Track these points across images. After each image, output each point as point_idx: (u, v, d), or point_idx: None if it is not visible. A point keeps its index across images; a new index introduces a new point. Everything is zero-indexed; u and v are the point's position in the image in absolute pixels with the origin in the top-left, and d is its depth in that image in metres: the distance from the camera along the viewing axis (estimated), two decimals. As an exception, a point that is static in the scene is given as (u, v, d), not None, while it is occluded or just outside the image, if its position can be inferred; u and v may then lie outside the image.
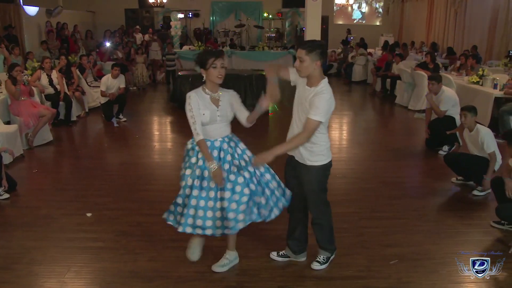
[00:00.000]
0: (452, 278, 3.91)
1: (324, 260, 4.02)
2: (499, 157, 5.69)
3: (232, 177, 3.53)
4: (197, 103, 3.64)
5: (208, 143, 3.60)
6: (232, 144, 3.68)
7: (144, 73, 14.16)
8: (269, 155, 3.48)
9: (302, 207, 3.96)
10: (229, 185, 3.50)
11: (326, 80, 3.58)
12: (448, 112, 7.34)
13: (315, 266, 4.00)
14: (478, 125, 5.80)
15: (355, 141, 8.64)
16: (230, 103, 3.73)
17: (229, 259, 3.99)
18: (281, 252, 4.17)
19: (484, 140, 5.60)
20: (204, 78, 3.72)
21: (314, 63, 3.48)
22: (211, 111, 3.61)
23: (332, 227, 4.02)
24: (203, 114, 3.62)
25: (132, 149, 7.94)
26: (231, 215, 3.47)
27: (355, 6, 23.10)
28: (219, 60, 3.62)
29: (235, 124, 3.76)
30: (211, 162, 3.48)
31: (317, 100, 3.45)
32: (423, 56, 13.43)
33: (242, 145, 3.75)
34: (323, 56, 3.56)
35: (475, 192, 5.70)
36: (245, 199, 3.50)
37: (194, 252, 3.91)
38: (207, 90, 3.73)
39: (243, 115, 3.70)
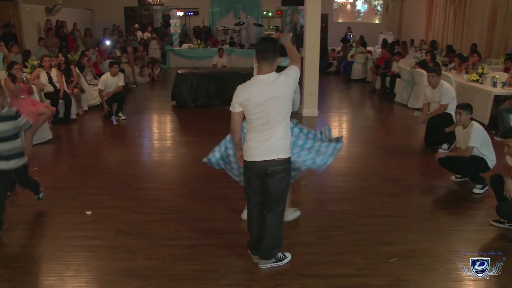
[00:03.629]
0: (451, 276, 3.91)
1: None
2: (493, 157, 5.71)
3: None
4: None
5: None
6: None
7: (128, 72, 13.95)
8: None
9: None
10: None
11: (259, 75, 3.65)
12: (448, 109, 7.32)
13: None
14: (473, 121, 5.80)
15: (354, 139, 8.63)
16: None
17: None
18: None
19: (471, 134, 5.61)
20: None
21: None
22: None
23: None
24: None
25: (131, 147, 7.94)
26: None
27: (359, 2, 23.09)
28: None
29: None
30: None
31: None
32: (423, 54, 13.43)
33: None
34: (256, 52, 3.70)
35: (475, 190, 5.69)
36: None
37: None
38: None
39: None
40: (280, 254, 4.01)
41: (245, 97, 3.57)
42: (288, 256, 4.06)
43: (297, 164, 4.25)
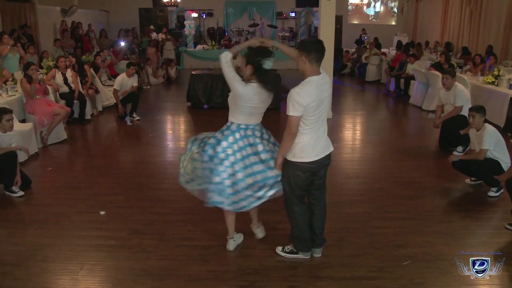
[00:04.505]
0: (465, 280, 3.87)
1: (287, 250, 4.20)
2: (507, 159, 5.68)
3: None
4: None
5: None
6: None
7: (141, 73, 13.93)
8: (277, 158, 3.84)
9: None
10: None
11: (313, 77, 3.66)
12: (463, 111, 7.26)
13: (277, 249, 4.24)
14: (486, 124, 5.75)
15: (368, 141, 8.59)
16: None
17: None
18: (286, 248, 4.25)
19: (484, 137, 5.58)
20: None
21: (300, 58, 3.67)
22: None
23: (298, 230, 4.05)
24: None
25: (145, 148, 7.97)
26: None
27: (371, 4, 22.98)
28: None
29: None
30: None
31: (289, 95, 3.62)
32: (438, 56, 13.32)
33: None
34: (311, 53, 3.64)
35: (490, 193, 5.64)
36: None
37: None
38: None
39: None
40: None
41: (310, 100, 3.57)
42: None
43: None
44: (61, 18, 16.25)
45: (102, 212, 5.09)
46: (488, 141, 5.56)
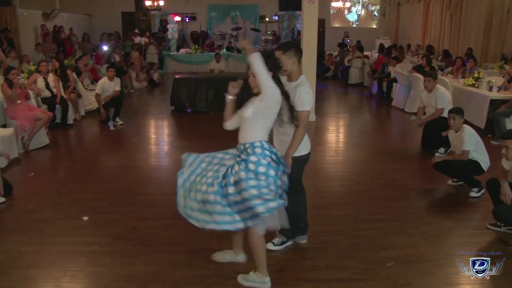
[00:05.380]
0: (449, 280, 3.92)
1: (278, 242, 4.31)
2: (486, 158, 5.77)
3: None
4: None
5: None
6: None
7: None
8: (288, 158, 3.76)
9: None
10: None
11: (304, 75, 3.99)
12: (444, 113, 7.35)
13: (269, 246, 4.25)
14: (464, 125, 5.85)
15: (351, 143, 8.65)
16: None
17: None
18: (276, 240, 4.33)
19: (464, 138, 5.68)
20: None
21: (290, 60, 3.87)
22: None
23: (298, 214, 4.22)
24: None
25: (129, 152, 7.93)
26: None
27: (353, 9, 23.14)
28: None
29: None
30: None
31: (298, 93, 3.80)
32: (419, 59, 13.46)
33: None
34: (298, 53, 3.93)
35: (472, 194, 5.71)
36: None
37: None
38: None
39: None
40: None
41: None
42: None
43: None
44: (42, 22, 16.08)
45: (85, 218, 5.04)
46: (469, 142, 5.65)
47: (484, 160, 5.75)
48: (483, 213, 5.23)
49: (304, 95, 3.81)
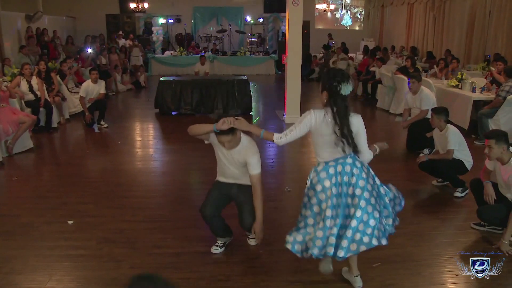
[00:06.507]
0: (434, 280, 3.96)
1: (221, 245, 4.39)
2: (470, 158, 5.85)
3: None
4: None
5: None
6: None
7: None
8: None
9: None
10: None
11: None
12: (428, 115, 7.42)
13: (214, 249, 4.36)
14: (448, 125, 5.91)
15: (337, 145, 8.67)
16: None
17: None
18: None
19: (449, 137, 5.74)
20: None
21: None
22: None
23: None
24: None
25: (114, 155, 7.88)
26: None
27: (343, 12, 23.30)
28: None
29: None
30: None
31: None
32: (404, 60, 13.57)
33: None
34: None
35: (456, 194, 5.78)
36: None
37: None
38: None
39: None
40: None
41: None
42: None
43: None
44: (25, 24, 15.91)
45: (70, 221, 5.00)
46: (453, 141, 5.72)
47: (467, 159, 5.82)
48: (467, 213, 5.29)
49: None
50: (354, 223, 3.37)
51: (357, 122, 3.56)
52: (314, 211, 3.52)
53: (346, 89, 3.46)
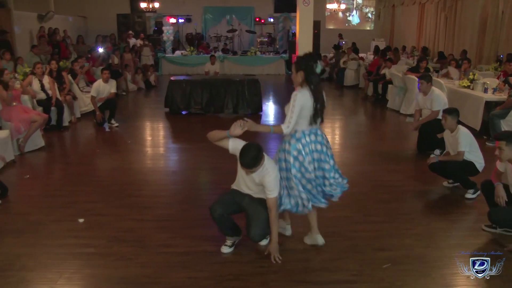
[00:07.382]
0: (445, 282, 3.92)
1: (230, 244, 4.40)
2: (481, 159, 5.78)
3: None
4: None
5: None
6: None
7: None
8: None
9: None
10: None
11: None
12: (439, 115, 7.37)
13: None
14: (459, 126, 5.86)
15: (346, 145, 8.66)
16: None
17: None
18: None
19: (459, 139, 5.68)
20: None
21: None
22: None
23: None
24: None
25: (124, 154, 7.91)
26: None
27: (354, 12, 23.24)
28: None
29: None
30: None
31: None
32: (414, 61, 13.51)
33: None
34: None
35: (467, 195, 5.72)
36: None
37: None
38: None
39: None
40: None
41: None
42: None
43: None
44: (37, 24, 16.04)
45: (81, 220, 5.03)
46: (464, 142, 5.67)
47: (478, 161, 5.76)
48: (478, 214, 5.25)
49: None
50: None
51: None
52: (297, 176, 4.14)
53: (318, 68, 4.10)
